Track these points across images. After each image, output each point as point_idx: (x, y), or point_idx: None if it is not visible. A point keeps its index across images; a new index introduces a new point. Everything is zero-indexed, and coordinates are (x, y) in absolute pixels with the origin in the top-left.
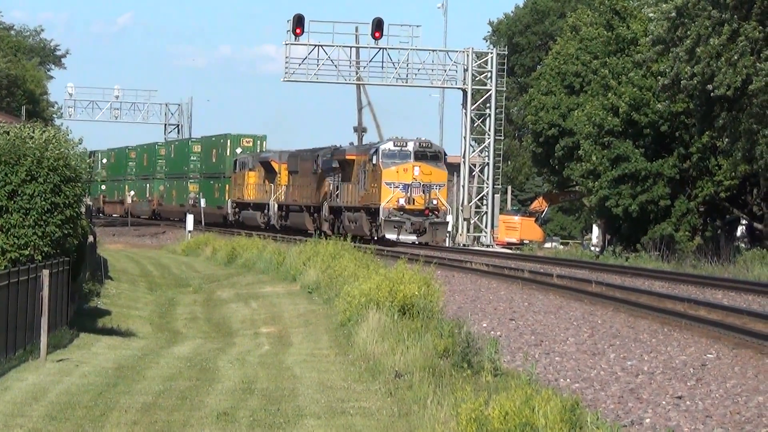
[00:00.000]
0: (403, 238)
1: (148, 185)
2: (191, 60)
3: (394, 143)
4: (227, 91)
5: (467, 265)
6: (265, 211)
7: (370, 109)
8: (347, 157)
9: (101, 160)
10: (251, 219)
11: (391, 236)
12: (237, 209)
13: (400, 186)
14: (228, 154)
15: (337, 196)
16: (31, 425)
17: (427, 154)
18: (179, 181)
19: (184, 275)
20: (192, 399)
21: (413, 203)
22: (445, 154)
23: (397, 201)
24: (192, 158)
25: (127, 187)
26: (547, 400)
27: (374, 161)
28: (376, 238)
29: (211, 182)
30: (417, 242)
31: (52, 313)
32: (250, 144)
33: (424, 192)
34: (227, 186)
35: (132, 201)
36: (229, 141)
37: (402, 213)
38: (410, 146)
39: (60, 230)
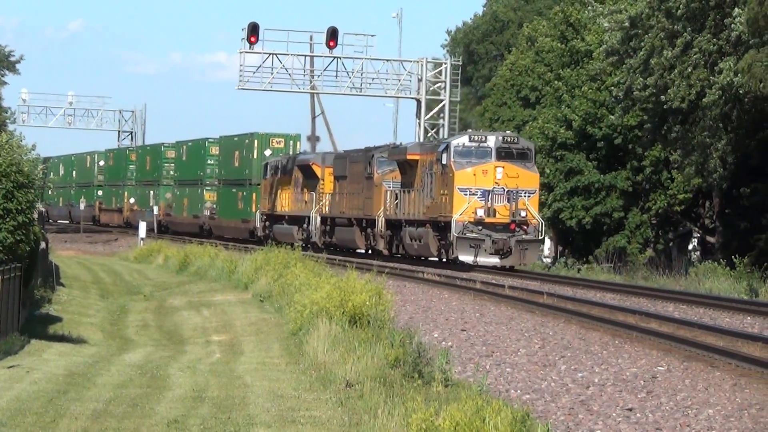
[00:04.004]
0: (482, 260)
1: (151, 192)
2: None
3: (469, 138)
4: (179, 99)
5: (419, 275)
6: (305, 225)
7: (324, 118)
8: (409, 156)
9: (98, 162)
10: (286, 235)
11: (466, 258)
12: (267, 223)
13: (478, 193)
14: (255, 156)
15: (395, 206)
16: None
17: (513, 151)
18: (192, 188)
19: (136, 282)
20: (143, 406)
21: (495, 215)
22: (536, 152)
23: (474, 212)
24: (208, 161)
25: (126, 193)
26: (498, 411)
27: (444, 161)
28: (446, 260)
29: (233, 190)
30: (500, 266)
31: (2, 320)
32: (282, 145)
33: (509, 200)
34: (254, 195)
35: (132, 209)
36: (256, 141)
37: (480, 228)
38: (491, 141)
39: (12, 236)
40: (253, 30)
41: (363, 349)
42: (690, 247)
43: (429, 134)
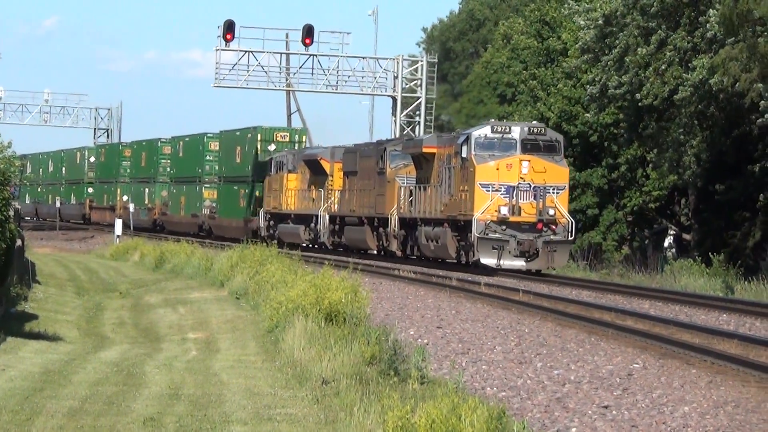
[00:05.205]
0: (506, 263)
1: (147, 190)
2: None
3: (492, 129)
4: (155, 96)
5: (395, 273)
6: (312, 224)
7: (300, 116)
8: (424, 150)
9: (88, 158)
10: (292, 235)
11: (488, 261)
12: (272, 222)
13: (502, 189)
14: (258, 152)
15: (410, 203)
16: None
17: (540, 143)
18: (190, 186)
19: (112, 280)
20: (119, 404)
21: (520, 213)
22: (565, 145)
23: (498, 210)
24: (207, 158)
25: (119, 191)
26: (474, 408)
27: (464, 154)
28: (465, 262)
29: (235, 188)
30: (525, 270)
31: None
32: (286, 140)
33: (536, 197)
34: (257, 193)
35: (125, 207)
36: (259, 136)
37: (504, 228)
38: (515, 133)
39: None
40: (229, 28)
41: (339, 346)
42: (665, 244)
43: (405, 131)
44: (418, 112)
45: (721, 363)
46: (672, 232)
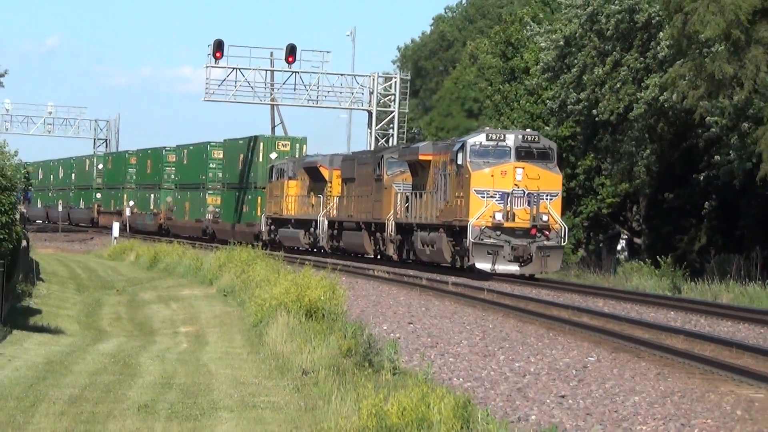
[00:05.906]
0: (501, 268)
1: (152, 196)
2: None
3: (487, 136)
4: (150, 109)
5: (370, 272)
6: (311, 229)
7: (283, 128)
8: (420, 157)
9: (96, 165)
10: (292, 239)
11: (483, 266)
12: (273, 227)
13: (497, 195)
14: (260, 159)
15: (406, 209)
16: None
17: (534, 151)
18: (194, 192)
19: (109, 278)
20: (115, 392)
21: (514, 219)
22: (559, 153)
23: (492, 216)
24: (211, 165)
25: (125, 196)
26: (442, 397)
27: (459, 161)
28: (460, 266)
29: (237, 194)
30: (519, 274)
31: None
32: (287, 148)
33: (529, 204)
34: (259, 198)
35: (132, 213)
36: (261, 144)
37: (499, 233)
38: (510, 140)
39: None
40: (219, 46)
41: (318, 340)
42: (618, 247)
43: (379, 143)
44: (391, 125)
45: (669, 356)
46: (624, 237)
